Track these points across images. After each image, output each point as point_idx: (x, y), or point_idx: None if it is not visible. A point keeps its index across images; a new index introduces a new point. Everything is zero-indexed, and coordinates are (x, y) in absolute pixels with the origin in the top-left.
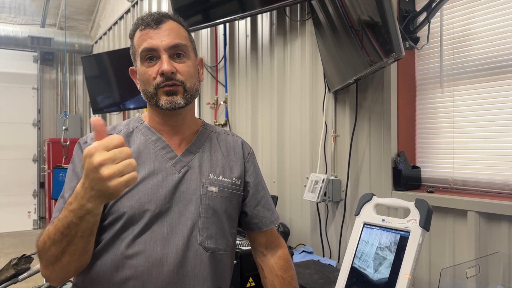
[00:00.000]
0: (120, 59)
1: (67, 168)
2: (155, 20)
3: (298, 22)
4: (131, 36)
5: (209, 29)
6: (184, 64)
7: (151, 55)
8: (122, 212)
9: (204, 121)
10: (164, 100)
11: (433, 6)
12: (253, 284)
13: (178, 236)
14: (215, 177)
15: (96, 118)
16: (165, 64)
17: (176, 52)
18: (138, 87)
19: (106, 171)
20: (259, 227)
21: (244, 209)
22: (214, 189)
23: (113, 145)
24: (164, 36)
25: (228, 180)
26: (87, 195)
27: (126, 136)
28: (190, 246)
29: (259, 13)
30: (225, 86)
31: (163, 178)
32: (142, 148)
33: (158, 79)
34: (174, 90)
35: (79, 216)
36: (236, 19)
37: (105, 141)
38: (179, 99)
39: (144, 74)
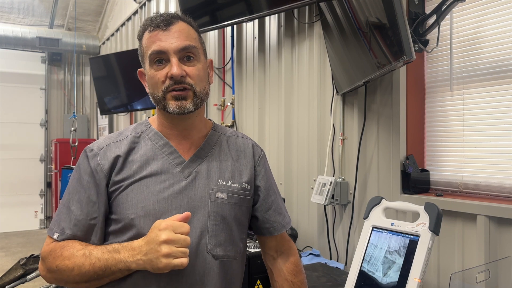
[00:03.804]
0: (128, 60)
1: None
2: (165, 22)
3: (306, 24)
4: (140, 37)
5: (216, 30)
6: (194, 67)
7: (160, 58)
8: (129, 219)
9: (214, 123)
10: (172, 105)
11: (443, 8)
12: (261, 287)
13: None
14: (224, 183)
15: (187, 213)
16: (174, 67)
17: (186, 55)
18: (147, 89)
19: (165, 249)
20: (270, 232)
21: (255, 213)
22: (222, 195)
23: (181, 231)
24: (173, 38)
25: (237, 185)
26: (138, 256)
27: (133, 143)
28: (198, 255)
29: (267, 15)
30: (232, 88)
31: (170, 184)
32: (150, 154)
33: (167, 82)
34: (184, 95)
35: (120, 268)
36: (244, 21)
37: (177, 224)
38: (188, 104)
39: (153, 77)
